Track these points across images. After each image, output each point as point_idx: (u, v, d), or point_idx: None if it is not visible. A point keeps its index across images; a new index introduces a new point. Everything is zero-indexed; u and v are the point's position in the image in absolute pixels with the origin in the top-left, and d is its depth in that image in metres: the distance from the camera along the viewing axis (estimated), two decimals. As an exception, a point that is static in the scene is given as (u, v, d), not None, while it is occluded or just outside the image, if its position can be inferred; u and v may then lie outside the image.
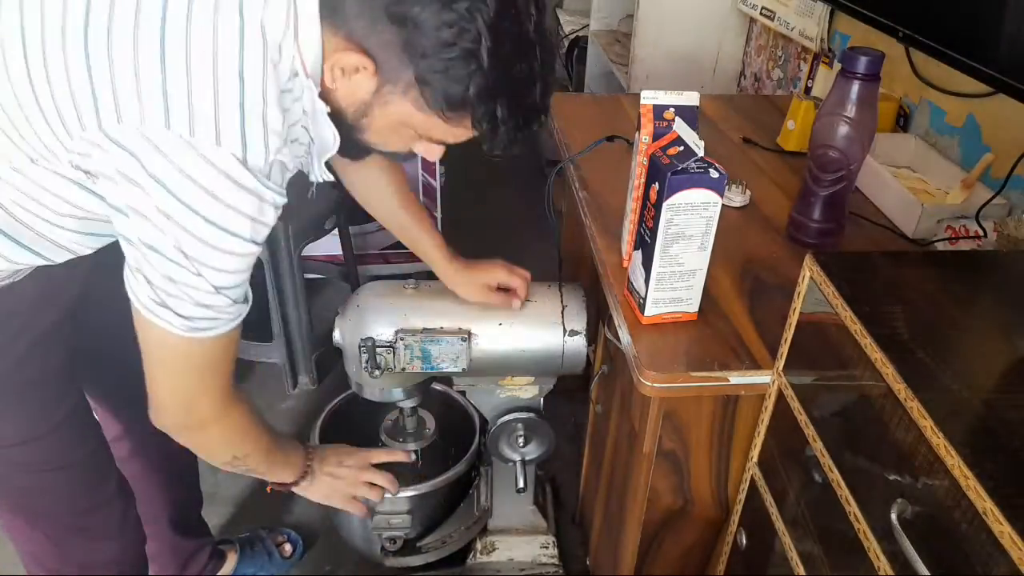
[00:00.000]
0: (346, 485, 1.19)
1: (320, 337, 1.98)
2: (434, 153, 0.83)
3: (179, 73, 0.65)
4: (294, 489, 1.14)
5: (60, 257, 0.87)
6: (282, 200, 0.73)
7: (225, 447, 0.96)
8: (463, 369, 1.16)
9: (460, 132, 0.77)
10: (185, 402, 0.86)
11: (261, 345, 2.01)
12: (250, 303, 0.81)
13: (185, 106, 0.64)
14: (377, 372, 1.15)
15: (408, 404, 1.31)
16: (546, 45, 0.75)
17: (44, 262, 0.86)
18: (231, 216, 0.69)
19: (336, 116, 0.75)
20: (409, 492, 1.34)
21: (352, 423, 1.44)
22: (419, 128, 0.77)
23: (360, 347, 1.14)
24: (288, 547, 1.58)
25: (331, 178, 0.86)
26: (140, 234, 0.70)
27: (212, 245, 0.70)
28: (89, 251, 0.89)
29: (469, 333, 1.16)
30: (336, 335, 1.18)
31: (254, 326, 2.02)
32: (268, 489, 1.12)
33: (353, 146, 0.80)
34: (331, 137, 0.76)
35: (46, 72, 0.67)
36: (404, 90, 0.73)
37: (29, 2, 0.67)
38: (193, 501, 1.40)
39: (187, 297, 0.73)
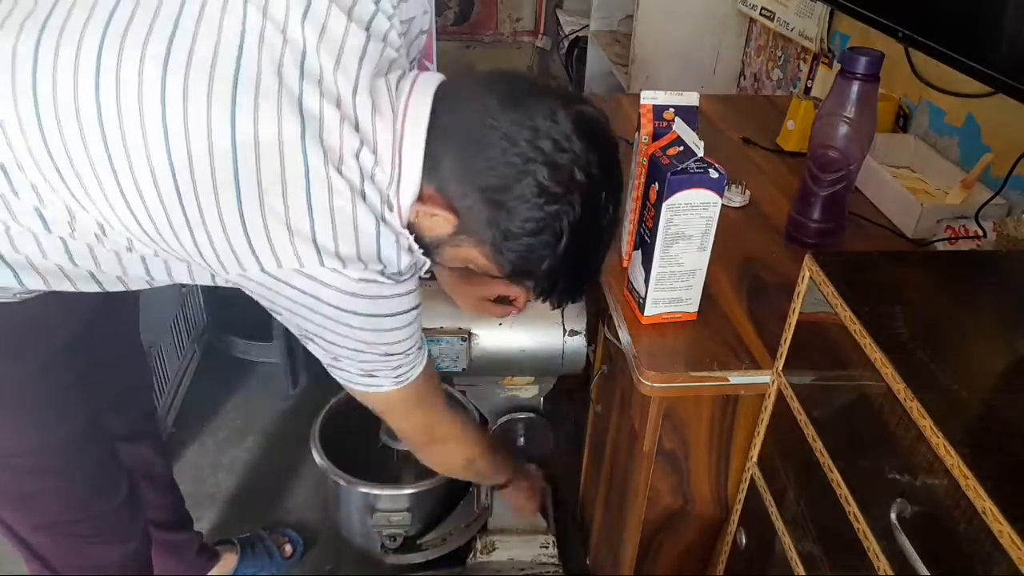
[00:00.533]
0: (535, 495, 1.34)
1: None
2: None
3: (325, 221, 0.70)
4: (500, 492, 1.29)
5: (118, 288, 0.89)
6: (418, 281, 0.81)
7: (460, 455, 1.08)
8: (463, 369, 1.17)
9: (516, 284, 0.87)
10: (424, 430, 0.99)
11: (261, 345, 2.01)
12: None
13: (333, 248, 0.71)
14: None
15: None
16: (613, 231, 0.82)
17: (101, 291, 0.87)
18: (389, 305, 0.77)
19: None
20: (409, 489, 1.34)
21: (352, 422, 1.44)
22: (481, 269, 0.84)
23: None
24: (288, 547, 1.58)
25: None
26: (326, 339, 0.79)
27: (385, 329, 0.78)
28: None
29: (469, 333, 1.16)
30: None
31: (254, 326, 2.03)
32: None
33: None
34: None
35: (202, 218, 0.70)
36: (477, 243, 0.79)
37: (175, 136, 0.69)
38: (164, 499, 1.40)
39: (386, 366, 0.83)
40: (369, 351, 0.80)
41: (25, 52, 0.70)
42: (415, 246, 0.78)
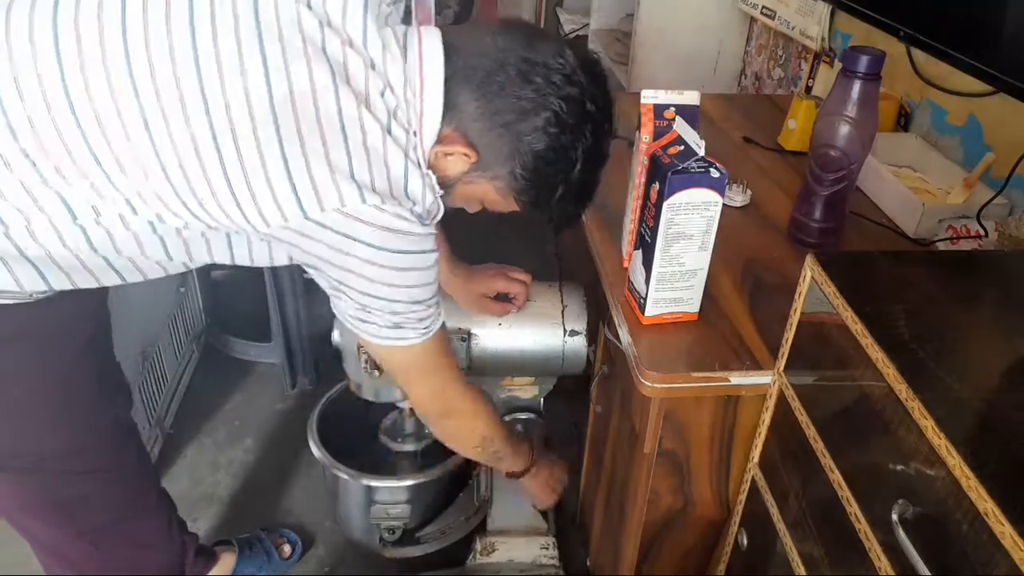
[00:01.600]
0: (556, 487, 1.32)
1: (319, 337, 1.98)
2: (474, 209, 0.93)
3: (361, 159, 0.74)
4: (521, 480, 1.24)
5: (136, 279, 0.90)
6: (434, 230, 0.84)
7: (473, 430, 1.07)
8: (463, 369, 1.16)
9: (520, 210, 0.89)
10: (441, 396, 1.00)
11: (260, 345, 2.01)
12: None
13: (370, 183, 0.75)
14: (376, 372, 1.15)
15: (407, 405, 1.31)
16: (609, 154, 0.87)
17: (121, 283, 0.89)
18: (421, 244, 0.80)
19: None
20: (408, 481, 1.34)
21: (349, 415, 1.44)
22: (489, 203, 0.90)
23: (359, 347, 1.14)
24: (287, 548, 1.57)
25: None
26: (359, 288, 0.81)
27: (417, 268, 0.81)
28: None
29: (469, 333, 1.16)
30: (335, 335, 1.18)
31: (253, 326, 2.03)
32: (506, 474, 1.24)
33: None
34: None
35: (244, 174, 0.73)
36: (492, 178, 0.84)
37: (214, 100, 0.71)
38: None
39: (413, 316, 0.85)
40: (400, 297, 0.82)
41: (43, 37, 0.71)
42: (436, 186, 0.81)
